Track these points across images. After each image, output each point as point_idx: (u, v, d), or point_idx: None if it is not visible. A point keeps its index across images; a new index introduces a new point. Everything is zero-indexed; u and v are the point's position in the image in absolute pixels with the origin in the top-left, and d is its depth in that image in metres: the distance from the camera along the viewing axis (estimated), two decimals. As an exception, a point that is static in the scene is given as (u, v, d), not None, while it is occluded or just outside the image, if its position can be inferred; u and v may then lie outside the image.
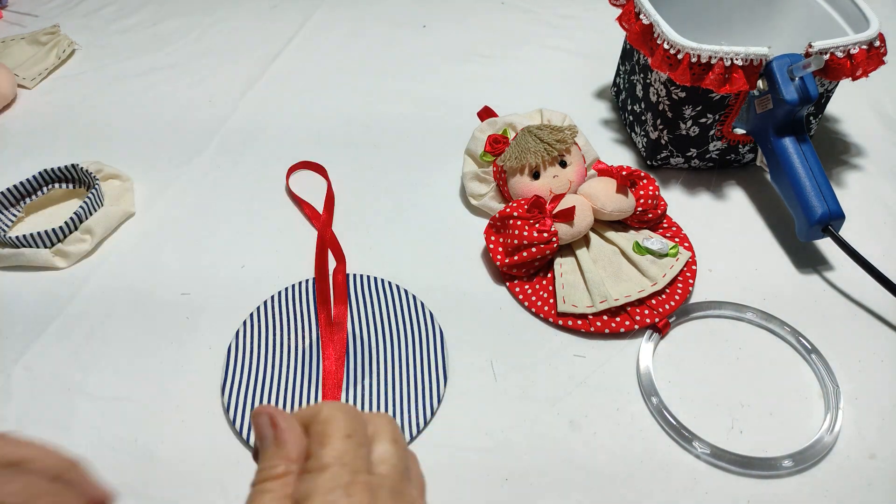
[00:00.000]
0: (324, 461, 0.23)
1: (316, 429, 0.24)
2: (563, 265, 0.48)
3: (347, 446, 0.24)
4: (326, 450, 0.23)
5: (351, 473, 0.23)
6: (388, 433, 0.25)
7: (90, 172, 0.55)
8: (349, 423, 0.24)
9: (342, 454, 0.23)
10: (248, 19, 0.84)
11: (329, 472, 0.22)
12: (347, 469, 0.23)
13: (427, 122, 0.66)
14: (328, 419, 0.24)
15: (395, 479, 0.24)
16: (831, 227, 0.48)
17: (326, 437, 0.24)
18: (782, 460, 0.39)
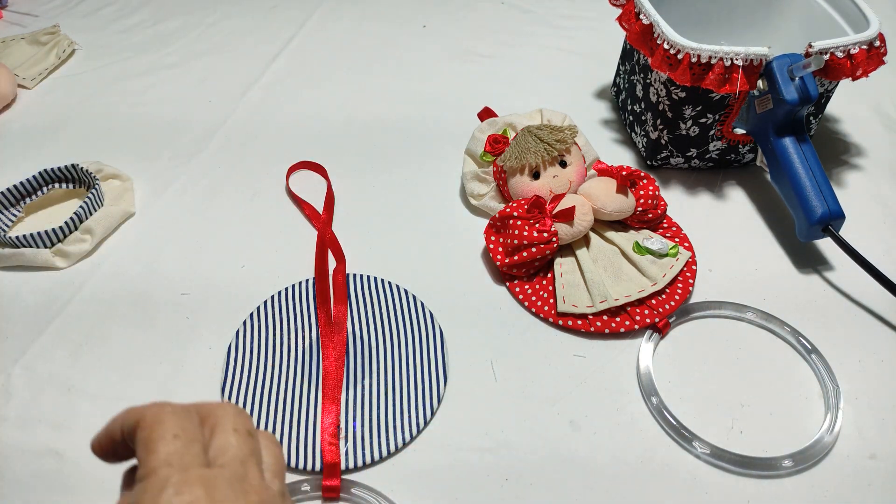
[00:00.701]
0: (150, 466, 0.22)
1: (141, 436, 0.23)
2: (563, 265, 0.48)
3: (175, 447, 0.23)
4: (152, 456, 0.22)
5: (180, 472, 0.22)
6: (229, 423, 0.25)
7: (90, 172, 0.55)
8: (175, 422, 0.24)
9: (169, 455, 0.22)
10: (248, 19, 0.84)
11: (155, 476, 0.22)
12: (175, 468, 0.22)
13: (427, 122, 0.66)
14: (152, 424, 0.23)
15: (235, 467, 0.24)
16: (831, 227, 0.48)
17: (151, 443, 0.23)
18: (782, 460, 0.39)
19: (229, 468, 0.23)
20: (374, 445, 0.40)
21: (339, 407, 0.41)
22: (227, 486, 0.22)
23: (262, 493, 0.23)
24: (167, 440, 0.23)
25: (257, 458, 0.25)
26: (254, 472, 0.24)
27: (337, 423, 0.40)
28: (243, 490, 0.23)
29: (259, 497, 0.23)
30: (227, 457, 0.24)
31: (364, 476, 0.39)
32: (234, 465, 0.24)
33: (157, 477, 0.22)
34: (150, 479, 0.22)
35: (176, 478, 0.21)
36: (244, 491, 0.22)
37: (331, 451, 0.39)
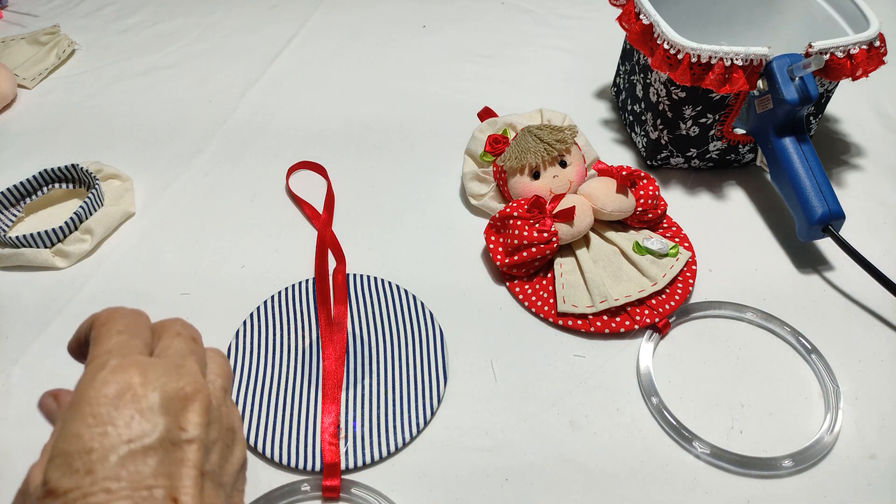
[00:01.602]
0: (93, 355, 0.24)
1: (92, 333, 0.26)
2: (563, 265, 0.48)
3: (119, 339, 0.25)
4: (98, 347, 0.24)
5: (119, 357, 0.23)
6: (174, 328, 0.27)
7: (90, 172, 0.55)
8: (123, 320, 0.26)
9: (112, 346, 0.24)
10: (248, 19, 0.84)
11: (95, 361, 0.24)
12: (115, 355, 0.24)
13: (427, 122, 0.66)
14: (103, 321, 0.26)
15: (174, 359, 0.25)
16: (831, 227, 0.48)
17: (99, 337, 0.25)
18: (782, 460, 0.39)
19: (167, 359, 0.25)
20: (374, 445, 0.40)
21: (339, 407, 0.41)
22: (162, 370, 0.24)
23: (197, 381, 0.24)
24: (112, 335, 0.25)
25: (199, 359, 0.26)
26: (192, 364, 0.25)
27: (337, 423, 0.40)
28: (178, 374, 0.24)
29: (194, 383, 0.24)
30: (167, 353, 0.25)
31: (364, 476, 0.39)
32: (173, 357, 0.25)
33: (97, 362, 0.23)
34: (90, 364, 0.24)
35: (114, 362, 0.23)
36: (179, 375, 0.24)
37: (331, 451, 0.39)
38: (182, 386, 0.24)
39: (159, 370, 0.24)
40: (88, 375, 0.23)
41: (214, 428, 0.25)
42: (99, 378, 0.23)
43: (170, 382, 0.24)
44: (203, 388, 0.25)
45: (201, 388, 0.24)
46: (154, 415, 0.22)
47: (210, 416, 0.24)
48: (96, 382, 0.23)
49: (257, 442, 0.40)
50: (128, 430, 0.22)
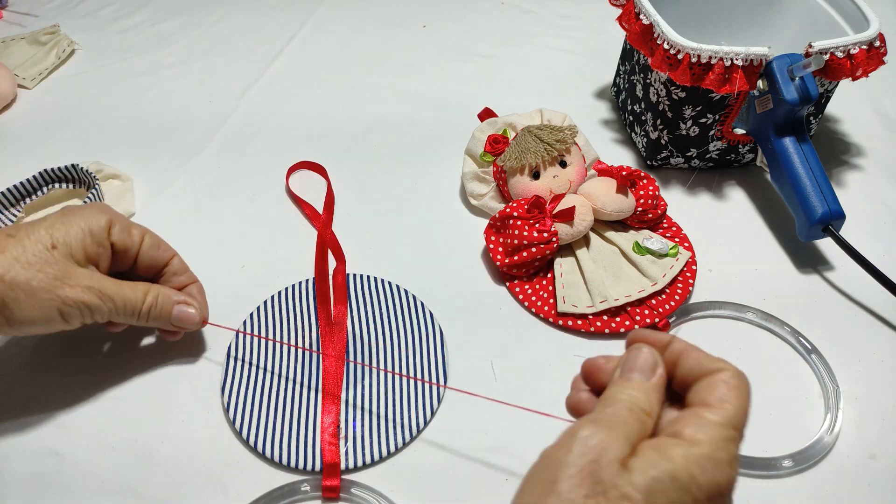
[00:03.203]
0: (721, 420, 0.26)
1: (711, 385, 0.26)
2: (563, 265, 0.48)
3: (740, 419, 0.26)
4: (724, 411, 0.26)
5: (736, 443, 0.26)
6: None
7: (90, 172, 0.55)
8: (748, 396, 0.27)
9: (736, 422, 0.26)
10: (248, 19, 0.84)
11: (722, 432, 0.25)
12: (736, 441, 0.26)
13: (427, 122, 0.66)
14: (734, 384, 0.27)
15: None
16: (832, 227, 0.48)
17: (726, 400, 0.26)
18: (782, 460, 0.39)
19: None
20: (374, 445, 0.40)
21: (339, 407, 0.41)
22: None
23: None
24: (742, 410, 0.27)
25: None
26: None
27: (337, 423, 0.40)
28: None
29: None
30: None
31: (364, 476, 0.39)
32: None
33: (723, 437, 0.25)
34: (718, 431, 0.26)
35: (734, 451, 0.26)
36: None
37: (331, 451, 0.39)
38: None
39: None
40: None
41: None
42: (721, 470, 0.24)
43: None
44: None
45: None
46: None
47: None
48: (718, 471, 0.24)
49: (257, 442, 0.40)
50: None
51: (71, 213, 0.38)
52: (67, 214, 0.38)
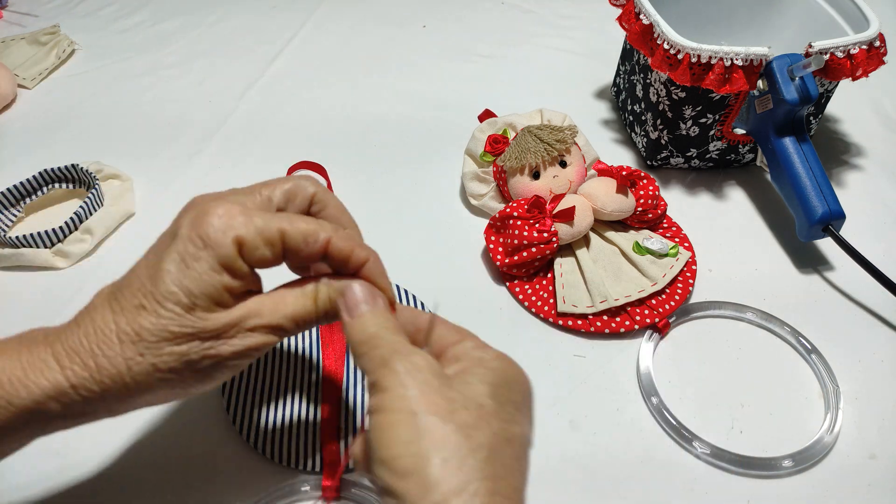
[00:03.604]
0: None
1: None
2: (563, 265, 0.48)
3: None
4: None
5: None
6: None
7: (90, 172, 0.55)
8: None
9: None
10: (248, 19, 0.84)
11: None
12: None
13: (427, 122, 0.66)
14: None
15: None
16: (832, 227, 0.48)
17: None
18: (782, 460, 0.39)
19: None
20: (374, 445, 0.39)
21: (339, 407, 0.41)
22: None
23: None
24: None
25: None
26: None
27: (337, 423, 0.40)
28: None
29: None
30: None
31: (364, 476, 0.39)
32: None
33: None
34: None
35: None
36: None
37: (331, 451, 0.39)
38: None
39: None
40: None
41: None
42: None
43: None
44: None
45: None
46: None
47: None
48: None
49: (257, 442, 0.40)
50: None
51: (167, 247, 0.30)
52: (156, 257, 0.30)
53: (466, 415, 0.25)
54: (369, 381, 0.27)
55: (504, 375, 0.28)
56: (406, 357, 0.27)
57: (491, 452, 0.24)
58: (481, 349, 0.29)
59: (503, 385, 0.27)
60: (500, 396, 0.26)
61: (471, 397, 0.26)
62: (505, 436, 0.25)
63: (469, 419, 0.25)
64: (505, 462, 0.25)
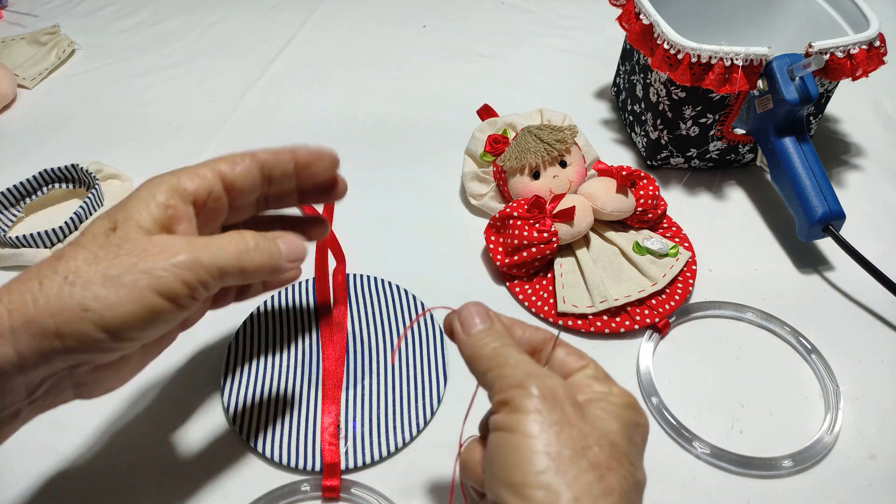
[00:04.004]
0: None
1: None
2: (563, 265, 0.48)
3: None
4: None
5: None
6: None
7: (90, 172, 0.55)
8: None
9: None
10: (248, 19, 0.84)
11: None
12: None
13: (427, 122, 0.66)
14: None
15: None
16: (832, 227, 0.48)
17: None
18: (782, 460, 0.39)
19: None
20: (374, 445, 0.40)
21: (339, 407, 0.41)
22: None
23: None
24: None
25: None
26: None
27: (337, 423, 0.40)
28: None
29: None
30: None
31: (364, 476, 0.39)
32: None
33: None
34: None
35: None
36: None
37: (331, 451, 0.39)
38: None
39: None
40: None
41: None
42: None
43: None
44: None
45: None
46: None
47: None
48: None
49: (257, 442, 0.40)
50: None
51: (127, 196, 0.30)
52: (122, 200, 0.30)
53: (600, 452, 0.24)
54: (498, 399, 0.26)
55: (630, 415, 0.27)
56: (542, 380, 0.26)
57: (621, 497, 0.23)
58: (604, 382, 0.28)
59: (631, 426, 0.26)
60: (628, 438, 0.26)
61: (604, 434, 0.25)
62: (633, 480, 0.25)
63: (602, 458, 0.24)
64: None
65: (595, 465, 0.24)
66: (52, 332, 0.25)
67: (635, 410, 0.27)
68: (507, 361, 0.27)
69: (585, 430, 0.24)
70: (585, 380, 0.28)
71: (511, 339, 0.29)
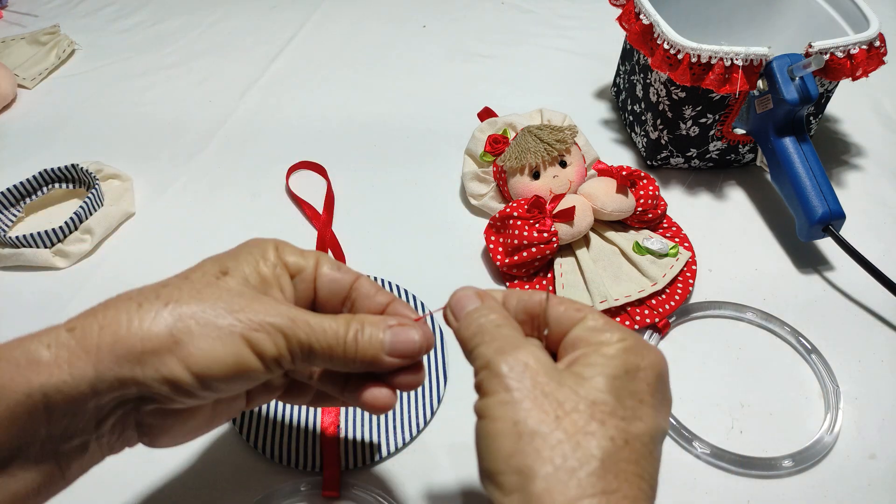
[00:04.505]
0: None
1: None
2: (563, 265, 0.48)
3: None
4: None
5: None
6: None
7: (90, 172, 0.55)
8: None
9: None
10: (248, 19, 0.84)
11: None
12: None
13: (427, 122, 0.66)
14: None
15: None
16: (832, 227, 0.48)
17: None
18: (782, 460, 0.39)
19: None
20: (374, 445, 0.40)
21: (339, 407, 0.41)
22: None
23: None
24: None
25: None
26: None
27: (337, 423, 0.40)
28: None
29: None
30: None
31: (364, 476, 0.39)
32: None
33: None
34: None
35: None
36: None
37: (331, 451, 0.39)
38: None
39: None
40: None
41: None
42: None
43: None
44: None
45: None
46: None
47: None
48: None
49: (257, 442, 0.40)
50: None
51: (235, 248, 0.30)
52: (231, 250, 0.30)
53: (577, 418, 0.23)
54: (474, 383, 0.25)
55: (625, 362, 0.25)
56: (511, 355, 0.25)
57: (604, 462, 0.22)
58: (602, 330, 0.26)
59: (624, 375, 0.24)
60: (619, 390, 0.24)
61: (584, 396, 0.23)
62: (623, 438, 0.23)
63: (580, 423, 0.23)
64: (620, 470, 0.22)
65: (570, 434, 0.22)
66: (136, 357, 0.24)
67: (636, 353, 0.25)
68: (483, 339, 0.26)
69: (562, 397, 0.23)
70: (584, 332, 0.26)
71: (502, 313, 0.28)
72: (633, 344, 0.26)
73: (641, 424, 0.24)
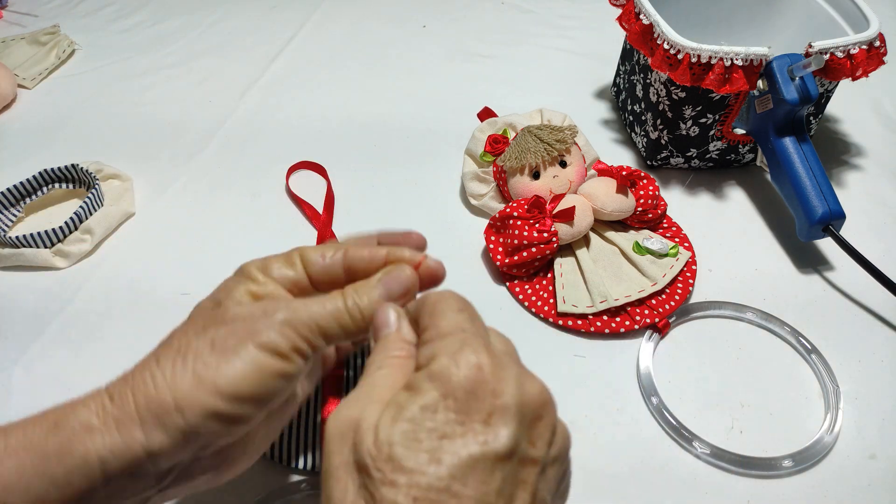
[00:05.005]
0: (442, 330, 0.24)
1: (427, 309, 0.26)
2: (563, 265, 0.48)
3: (462, 318, 0.25)
4: (443, 321, 0.25)
5: (473, 337, 0.24)
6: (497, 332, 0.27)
7: (90, 172, 0.55)
8: (459, 300, 0.26)
9: (459, 323, 0.25)
10: (248, 19, 0.84)
11: (450, 337, 0.24)
12: (469, 334, 0.24)
13: (427, 122, 0.66)
14: (438, 299, 0.26)
15: (514, 352, 0.26)
16: (832, 227, 0.48)
17: (440, 312, 0.25)
18: (782, 460, 0.39)
19: (510, 352, 0.27)
20: (374, 445, 0.39)
21: (340, 407, 0.41)
22: (513, 362, 0.25)
23: (545, 388, 0.25)
24: (454, 311, 0.26)
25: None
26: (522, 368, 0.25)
27: (337, 423, 0.40)
28: (529, 376, 0.24)
29: (544, 390, 0.24)
30: (502, 345, 0.27)
31: (364, 476, 0.39)
32: (511, 351, 0.27)
33: (451, 338, 0.24)
34: (444, 339, 0.24)
35: (470, 341, 0.24)
36: (530, 377, 0.24)
37: (331, 451, 0.39)
38: (538, 392, 0.23)
39: (510, 362, 0.24)
40: (448, 350, 0.23)
41: (555, 448, 0.24)
42: (457, 357, 0.23)
43: (525, 384, 0.23)
44: (551, 398, 0.24)
45: (550, 400, 0.24)
46: (510, 419, 0.21)
47: (554, 433, 0.24)
48: (460, 362, 0.23)
49: (257, 442, 0.40)
50: (483, 429, 0.21)
51: (221, 283, 0.31)
52: (219, 286, 0.30)
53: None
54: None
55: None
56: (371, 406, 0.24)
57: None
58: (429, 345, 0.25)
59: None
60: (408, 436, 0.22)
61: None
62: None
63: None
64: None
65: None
66: (173, 407, 0.24)
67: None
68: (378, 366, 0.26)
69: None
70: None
71: (406, 351, 0.27)
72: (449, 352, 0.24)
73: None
